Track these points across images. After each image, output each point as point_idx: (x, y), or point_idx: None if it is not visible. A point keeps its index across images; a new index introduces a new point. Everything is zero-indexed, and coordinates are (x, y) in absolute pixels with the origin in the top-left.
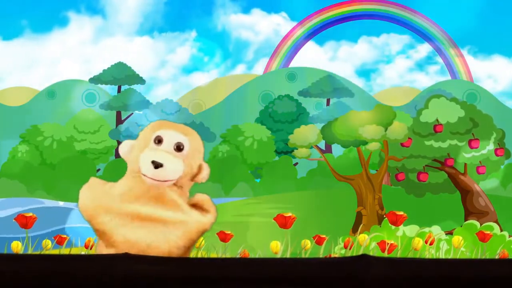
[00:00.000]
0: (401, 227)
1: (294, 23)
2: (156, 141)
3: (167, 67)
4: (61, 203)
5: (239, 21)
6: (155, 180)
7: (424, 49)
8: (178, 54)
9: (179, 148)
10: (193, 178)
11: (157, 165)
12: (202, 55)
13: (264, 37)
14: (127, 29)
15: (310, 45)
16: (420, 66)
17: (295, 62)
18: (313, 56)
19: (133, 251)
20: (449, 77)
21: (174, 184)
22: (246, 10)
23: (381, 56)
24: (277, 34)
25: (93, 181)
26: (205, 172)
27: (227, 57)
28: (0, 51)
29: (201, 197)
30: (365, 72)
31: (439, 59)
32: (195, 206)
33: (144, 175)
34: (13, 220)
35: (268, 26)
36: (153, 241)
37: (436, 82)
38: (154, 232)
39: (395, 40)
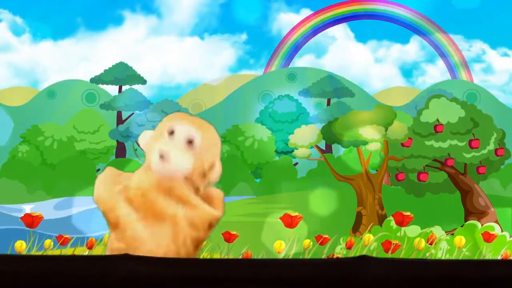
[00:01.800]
0: (402, 227)
1: (343, 25)
2: (169, 133)
3: (212, 68)
4: None
5: (289, 20)
6: (161, 171)
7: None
8: (224, 55)
9: (190, 142)
10: (205, 174)
11: (162, 156)
12: (248, 57)
13: (313, 40)
14: (180, 29)
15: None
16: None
17: (333, 61)
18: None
19: (142, 249)
20: (449, 77)
21: (186, 178)
22: (296, 10)
23: (429, 56)
24: (324, 34)
25: (109, 171)
26: (217, 170)
27: (273, 58)
28: (54, 48)
29: (215, 192)
30: (408, 71)
31: (486, 57)
32: (206, 199)
33: (152, 166)
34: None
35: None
36: (161, 241)
37: (436, 82)
38: (164, 232)
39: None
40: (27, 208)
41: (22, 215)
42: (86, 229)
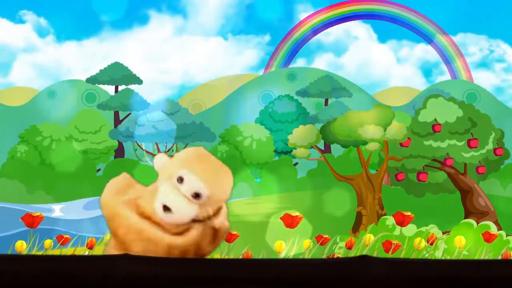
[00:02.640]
0: (399, 226)
1: (366, 25)
2: (179, 180)
3: (234, 68)
4: None
5: (314, 22)
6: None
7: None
8: (246, 56)
9: (197, 195)
10: (210, 218)
11: (166, 208)
12: (268, 58)
13: (334, 38)
14: (205, 30)
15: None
16: (485, 64)
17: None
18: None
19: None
20: (449, 77)
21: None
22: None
23: (452, 55)
24: (348, 35)
25: (123, 179)
26: (220, 217)
27: (295, 59)
28: (78, 48)
29: (222, 225)
30: (428, 71)
31: (508, 58)
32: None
33: (155, 208)
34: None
35: (339, 27)
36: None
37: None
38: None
39: (472, 40)
40: (57, 208)
41: (51, 215)
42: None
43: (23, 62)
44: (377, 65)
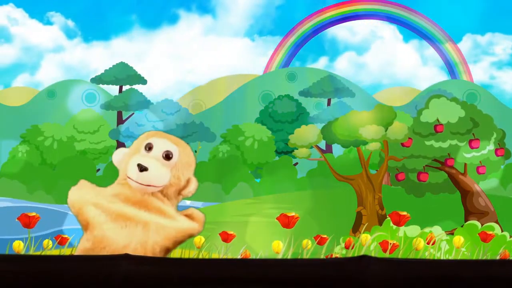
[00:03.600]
0: (402, 227)
1: (392, 26)
2: (147, 148)
3: (256, 70)
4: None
5: (343, 24)
6: (139, 183)
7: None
8: (268, 57)
9: (167, 156)
10: (180, 191)
11: (142, 168)
12: (293, 59)
13: (361, 38)
14: (234, 30)
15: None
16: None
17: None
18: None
19: (109, 249)
20: (449, 77)
21: (160, 192)
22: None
23: (483, 54)
24: (374, 35)
25: (83, 182)
26: (193, 186)
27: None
28: (106, 48)
29: (196, 213)
30: (452, 71)
31: None
32: (187, 216)
33: (129, 177)
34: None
35: (366, 27)
36: (129, 242)
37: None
38: (133, 234)
39: (500, 39)
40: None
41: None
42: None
43: (51, 62)
44: (401, 64)
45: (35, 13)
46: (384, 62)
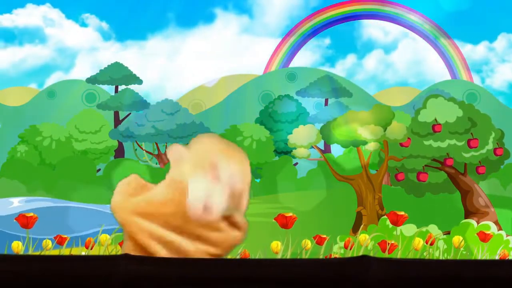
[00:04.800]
0: (399, 226)
1: (429, 25)
2: (211, 171)
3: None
4: None
5: (379, 27)
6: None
7: None
8: (301, 58)
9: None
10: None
11: (205, 206)
12: (324, 61)
13: (392, 38)
14: (269, 31)
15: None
16: None
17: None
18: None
19: None
20: (449, 77)
21: None
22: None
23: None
24: (405, 35)
25: (134, 179)
26: (243, 200)
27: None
28: (141, 48)
29: (236, 217)
30: (478, 71)
31: None
32: (227, 218)
33: (190, 204)
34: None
35: (397, 27)
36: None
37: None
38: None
39: None
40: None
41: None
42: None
43: (86, 62)
44: (427, 63)
45: (71, 14)
46: (410, 60)
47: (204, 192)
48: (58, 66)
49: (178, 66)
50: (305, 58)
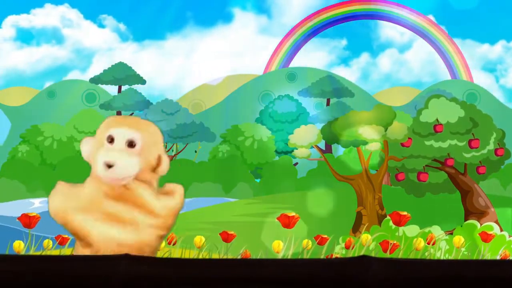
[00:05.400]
0: (401, 227)
1: (441, 27)
2: (109, 140)
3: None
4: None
5: (396, 29)
6: (110, 179)
7: None
8: (317, 59)
9: (131, 144)
10: (154, 170)
11: (109, 165)
12: (339, 62)
13: (407, 38)
14: (287, 31)
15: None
16: None
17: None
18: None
19: (107, 249)
20: (449, 77)
21: (136, 179)
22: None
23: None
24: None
25: (60, 185)
26: (164, 164)
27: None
28: (159, 48)
29: (174, 187)
30: (492, 69)
31: None
32: (167, 193)
33: (100, 175)
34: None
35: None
36: (124, 240)
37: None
38: (125, 231)
39: None
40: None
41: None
42: None
43: (103, 63)
44: (441, 63)
45: (89, 14)
46: (424, 59)
47: (107, 156)
48: (75, 66)
49: (195, 65)
50: (319, 59)
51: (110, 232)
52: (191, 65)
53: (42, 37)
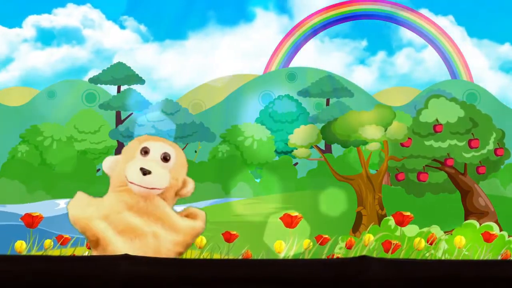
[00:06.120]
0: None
1: (460, 28)
2: (143, 152)
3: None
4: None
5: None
6: (142, 187)
7: None
8: (335, 59)
9: (165, 158)
10: (177, 192)
11: (145, 172)
12: (358, 63)
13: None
14: (308, 32)
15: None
16: None
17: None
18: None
19: None
20: (449, 77)
21: (159, 196)
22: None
23: None
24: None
25: (80, 195)
26: (190, 186)
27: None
28: (181, 47)
29: (198, 211)
30: (509, 69)
31: None
32: (189, 216)
33: (131, 182)
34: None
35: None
36: (144, 253)
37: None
38: (145, 246)
39: None
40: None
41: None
42: None
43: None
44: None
45: (111, 14)
46: (439, 58)
47: (144, 164)
48: (95, 67)
49: (216, 64)
50: (335, 59)
51: (130, 244)
52: (212, 64)
53: (63, 38)
